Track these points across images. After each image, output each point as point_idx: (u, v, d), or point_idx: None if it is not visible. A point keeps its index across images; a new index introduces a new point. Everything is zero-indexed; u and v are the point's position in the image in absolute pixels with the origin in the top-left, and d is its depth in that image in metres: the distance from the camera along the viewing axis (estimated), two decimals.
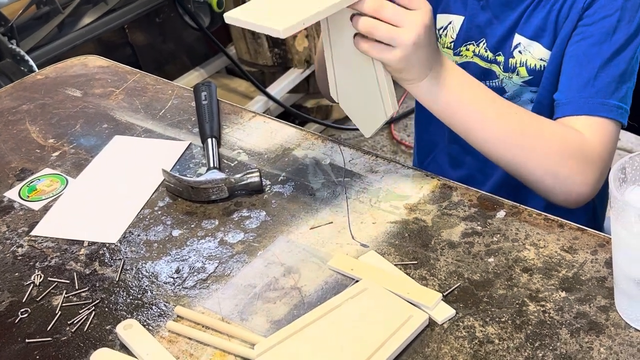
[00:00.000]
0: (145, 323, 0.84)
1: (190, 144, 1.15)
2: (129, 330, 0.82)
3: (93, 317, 0.85)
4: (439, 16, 1.16)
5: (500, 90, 1.13)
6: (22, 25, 2.12)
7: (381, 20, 0.86)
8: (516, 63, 1.09)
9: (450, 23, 1.15)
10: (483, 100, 0.96)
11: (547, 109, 1.07)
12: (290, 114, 2.77)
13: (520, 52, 1.08)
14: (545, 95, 1.08)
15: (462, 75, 0.96)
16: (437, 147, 1.27)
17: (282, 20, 0.84)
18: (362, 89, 0.96)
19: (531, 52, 1.07)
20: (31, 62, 1.98)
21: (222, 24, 2.75)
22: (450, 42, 1.16)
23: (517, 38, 1.08)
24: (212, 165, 1.06)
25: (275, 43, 2.74)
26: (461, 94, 0.95)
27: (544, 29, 1.06)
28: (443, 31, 1.16)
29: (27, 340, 0.83)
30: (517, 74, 1.10)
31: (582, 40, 1.01)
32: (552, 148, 0.96)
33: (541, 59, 1.07)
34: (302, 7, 0.86)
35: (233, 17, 0.88)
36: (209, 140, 1.11)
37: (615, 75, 0.99)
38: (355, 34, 0.90)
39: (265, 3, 0.90)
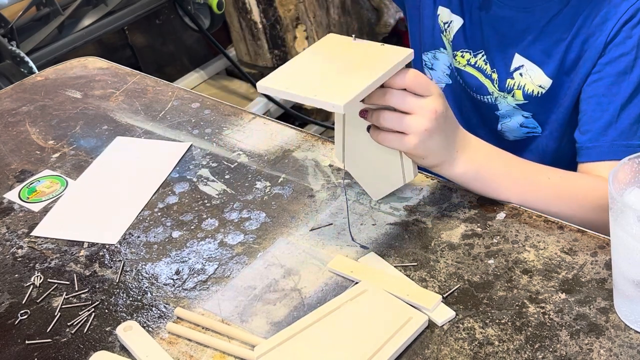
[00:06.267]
0: (145, 325, 0.84)
1: (191, 145, 1.15)
2: (128, 331, 0.82)
3: (93, 319, 0.85)
4: (442, 8, 1.15)
5: (493, 108, 1.13)
6: (22, 26, 2.13)
7: (396, 109, 0.85)
8: (514, 85, 1.08)
9: (451, 21, 1.14)
10: (515, 173, 0.95)
11: (540, 137, 1.10)
12: (290, 115, 2.77)
13: (521, 74, 1.07)
14: (538, 121, 1.09)
15: (491, 152, 0.95)
16: None
17: (339, 93, 0.77)
18: (377, 158, 0.93)
19: (531, 77, 1.06)
20: (31, 64, 1.98)
21: (222, 25, 2.75)
22: (450, 41, 1.15)
23: (519, 59, 1.07)
24: None
25: (275, 45, 2.74)
26: (495, 171, 0.94)
27: (549, 55, 1.04)
28: (448, 27, 1.15)
29: (26, 342, 0.83)
30: (513, 96, 1.09)
31: (600, 80, 1.00)
32: (586, 207, 0.96)
33: (540, 86, 1.06)
34: (349, 77, 0.80)
35: (266, 86, 0.81)
36: None
37: (637, 115, 0.99)
38: (369, 126, 0.88)
39: (297, 73, 0.85)
